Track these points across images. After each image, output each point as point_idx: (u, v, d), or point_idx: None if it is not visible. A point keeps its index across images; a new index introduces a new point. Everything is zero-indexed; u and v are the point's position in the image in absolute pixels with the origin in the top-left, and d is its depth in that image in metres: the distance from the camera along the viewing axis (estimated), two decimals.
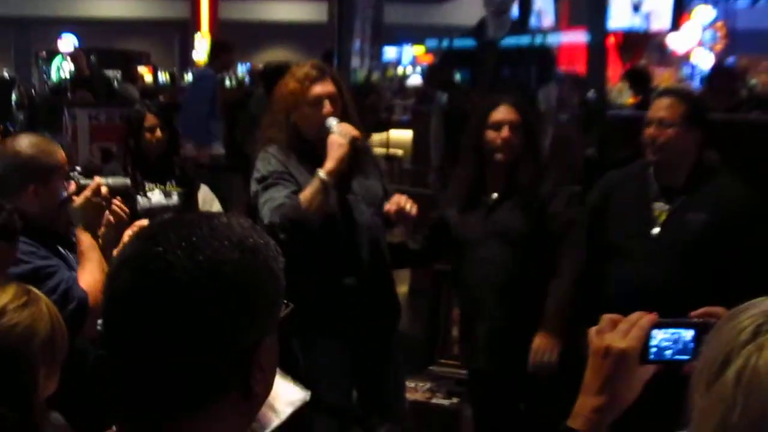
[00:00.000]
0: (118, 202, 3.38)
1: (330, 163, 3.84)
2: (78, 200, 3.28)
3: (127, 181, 3.54)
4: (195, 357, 1.30)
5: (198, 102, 9.50)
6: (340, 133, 3.87)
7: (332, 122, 3.92)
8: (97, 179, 3.34)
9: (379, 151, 7.54)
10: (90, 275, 3.19)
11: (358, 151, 3.90)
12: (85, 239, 3.25)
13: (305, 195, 3.84)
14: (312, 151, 3.98)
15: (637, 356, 1.67)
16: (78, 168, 3.39)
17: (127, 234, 4.03)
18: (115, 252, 4.00)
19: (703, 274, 3.78)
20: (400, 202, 3.88)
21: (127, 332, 1.32)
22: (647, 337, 1.68)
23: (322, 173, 3.83)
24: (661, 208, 3.96)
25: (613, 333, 1.70)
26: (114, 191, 3.38)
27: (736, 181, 3.95)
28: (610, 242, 4.08)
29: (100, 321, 1.37)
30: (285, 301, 1.42)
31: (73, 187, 3.30)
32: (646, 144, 3.95)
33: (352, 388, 4.17)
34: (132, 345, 1.32)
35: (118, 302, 1.34)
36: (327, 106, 3.95)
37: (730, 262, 3.78)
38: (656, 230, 3.94)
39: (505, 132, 4.11)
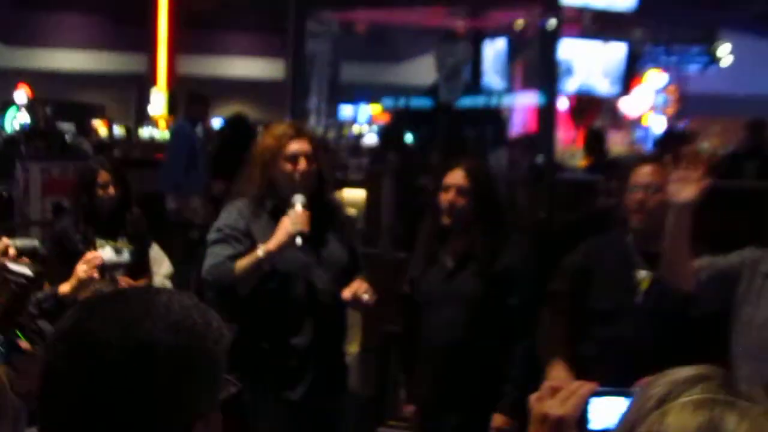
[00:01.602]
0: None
1: (271, 244, 3.91)
2: None
3: (36, 242, 3.50)
4: None
5: (176, 155, 9.50)
6: (292, 220, 3.91)
7: (297, 199, 3.96)
8: (5, 240, 3.31)
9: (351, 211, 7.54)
10: None
11: (296, 247, 3.92)
12: None
13: (240, 264, 3.93)
14: (285, 208, 3.99)
15: (574, 423, 1.70)
16: None
17: (81, 268, 3.88)
18: (66, 288, 3.90)
19: (685, 340, 3.73)
20: (357, 291, 3.95)
21: (59, 405, 1.33)
22: (585, 405, 1.72)
23: (261, 250, 3.91)
24: (643, 275, 3.91)
25: (553, 400, 1.73)
26: (21, 252, 3.34)
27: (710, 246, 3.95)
28: (593, 309, 4.00)
29: None
30: (234, 381, 1.43)
31: None
32: (631, 210, 3.89)
33: None
34: (63, 418, 1.32)
35: (52, 374, 1.34)
36: (302, 164, 4.02)
37: (710, 326, 3.74)
38: (639, 298, 3.90)
39: (450, 195, 4.12)
